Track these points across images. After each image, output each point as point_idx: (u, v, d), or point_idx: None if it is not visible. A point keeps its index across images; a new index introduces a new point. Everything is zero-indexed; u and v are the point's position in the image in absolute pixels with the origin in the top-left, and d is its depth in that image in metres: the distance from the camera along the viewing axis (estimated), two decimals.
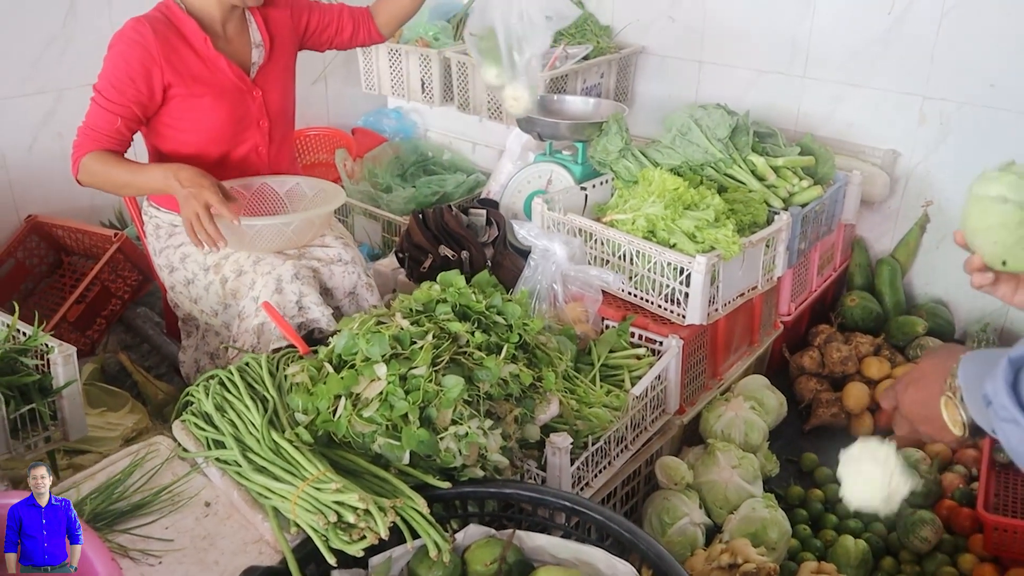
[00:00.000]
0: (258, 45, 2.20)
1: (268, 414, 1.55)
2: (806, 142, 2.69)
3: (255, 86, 2.18)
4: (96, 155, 2.01)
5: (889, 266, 2.97)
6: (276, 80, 2.24)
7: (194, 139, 2.13)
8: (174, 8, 2.06)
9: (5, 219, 2.73)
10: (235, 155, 2.20)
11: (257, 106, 2.19)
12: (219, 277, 2.06)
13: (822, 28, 2.94)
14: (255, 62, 2.20)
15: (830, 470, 2.38)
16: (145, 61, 1.99)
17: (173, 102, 2.07)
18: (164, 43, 2.01)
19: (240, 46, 2.17)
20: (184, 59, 2.05)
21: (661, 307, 2.23)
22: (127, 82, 1.99)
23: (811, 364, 2.70)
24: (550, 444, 1.69)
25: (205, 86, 2.08)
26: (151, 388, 2.45)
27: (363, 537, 1.32)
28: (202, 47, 2.07)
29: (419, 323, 1.60)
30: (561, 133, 2.67)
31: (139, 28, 2.00)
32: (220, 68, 2.10)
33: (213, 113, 2.10)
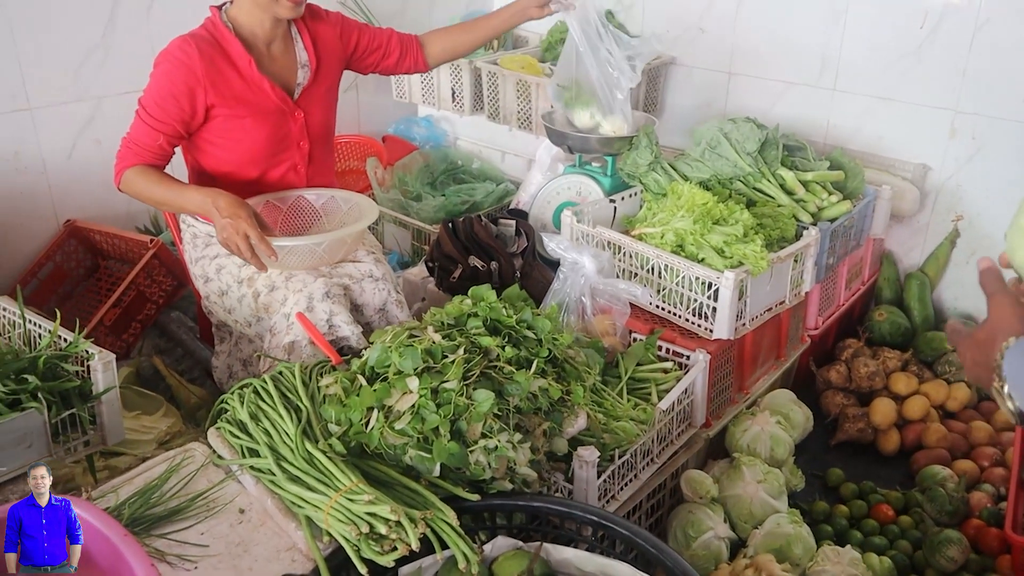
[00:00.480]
0: (304, 65, 2.22)
1: (302, 424, 1.58)
2: (836, 156, 2.68)
3: (297, 107, 2.20)
4: (138, 170, 2.06)
5: (918, 281, 2.95)
6: (319, 101, 2.26)
7: (234, 157, 2.17)
8: (220, 27, 2.09)
9: (45, 224, 2.79)
10: (273, 174, 2.23)
11: (298, 127, 2.22)
12: (252, 291, 2.10)
13: (853, 41, 2.94)
14: (300, 83, 2.21)
15: (855, 486, 2.37)
16: (189, 81, 2.02)
17: (215, 121, 2.10)
18: (209, 64, 2.04)
19: (285, 66, 2.20)
20: (228, 80, 2.08)
21: (689, 321, 2.24)
22: (171, 101, 2.03)
23: (838, 379, 2.70)
24: (577, 457, 1.71)
25: (247, 107, 2.11)
26: (184, 392, 2.50)
27: (394, 548, 1.35)
28: (246, 69, 2.10)
29: (451, 337, 1.62)
30: (591, 146, 2.69)
31: (185, 48, 2.02)
32: (263, 90, 2.13)
33: (254, 134, 2.14)
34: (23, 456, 1.63)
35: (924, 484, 2.32)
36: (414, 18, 3.64)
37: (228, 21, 2.10)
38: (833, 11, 2.94)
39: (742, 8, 3.15)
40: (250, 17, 2.10)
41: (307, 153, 2.27)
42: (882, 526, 2.23)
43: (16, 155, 2.67)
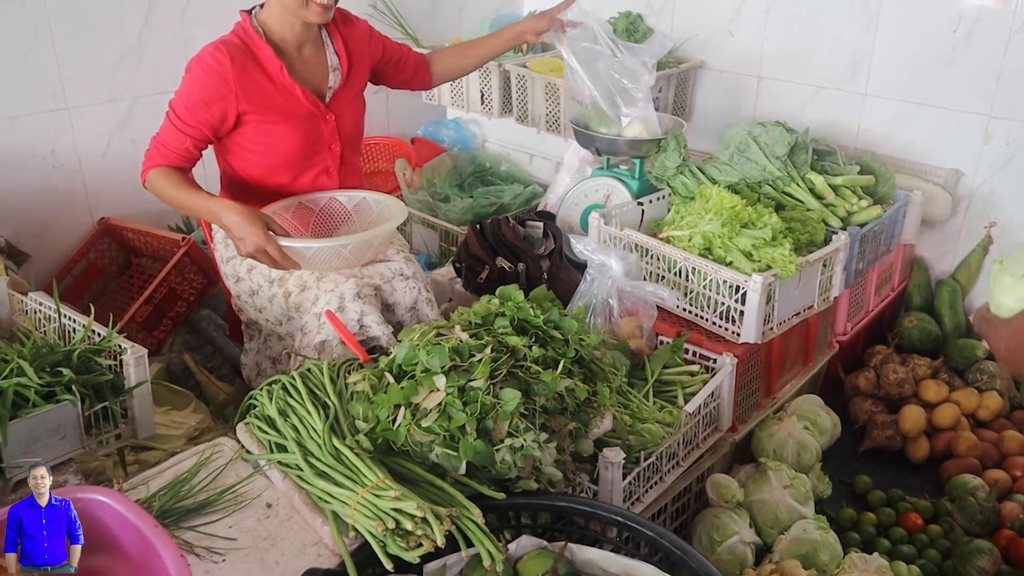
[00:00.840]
0: (335, 68, 2.23)
1: (329, 420, 1.59)
2: (866, 160, 2.66)
3: (329, 111, 2.22)
4: (162, 171, 2.08)
5: (949, 288, 2.92)
6: (349, 103, 2.28)
7: (266, 162, 2.19)
8: (251, 33, 2.10)
9: (79, 221, 2.84)
10: (306, 177, 2.25)
11: (330, 130, 2.23)
12: (283, 291, 2.12)
13: (885, 45, 2.91)
14: (331, 86, 2.22)
15: (883, 493, 2.35)
16: (220, 88, 2.04)
17: (248, 127, 2.12)
18: (240, 71, 2.05)
19: (316, 69, 2.21)
20: (260, 87, 2.09)
21: (716, 324, 2.23)
22: (200, 106, 2.05)
23: (866, 385, 2.67)
24: (603, 459, 1.71)
25: (279, 113, 2.13)
26: (213, 388, 2.53)
27: (420, 544, 1.36)
28: (277, 75, 2.11)
29: (478, 336, 1.63)
30: (619, 149, 2.69)
31: (217, 56, 2.04)
32: (294, 96, 2.14)
33: (287, 139, 2.16)
34: (57, 447, 1.66)
35: (954, 493, 2.29)
36: (444, 20, 3.67)
37: (258, 26, 2.12)
38: (865, 14, 2.92)
39: (772, 12, 3.14)
40: (280, 22, 2.11)
41: (339, 156, 2.29)
42: (910, 534, 2.20)
43: (53, 153, 2.72)
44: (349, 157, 2.34)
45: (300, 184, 2.25)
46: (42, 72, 2.62)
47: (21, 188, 2.68)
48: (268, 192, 2.23)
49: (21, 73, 2.58)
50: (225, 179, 2.31)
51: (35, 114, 2.64)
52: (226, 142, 2.18)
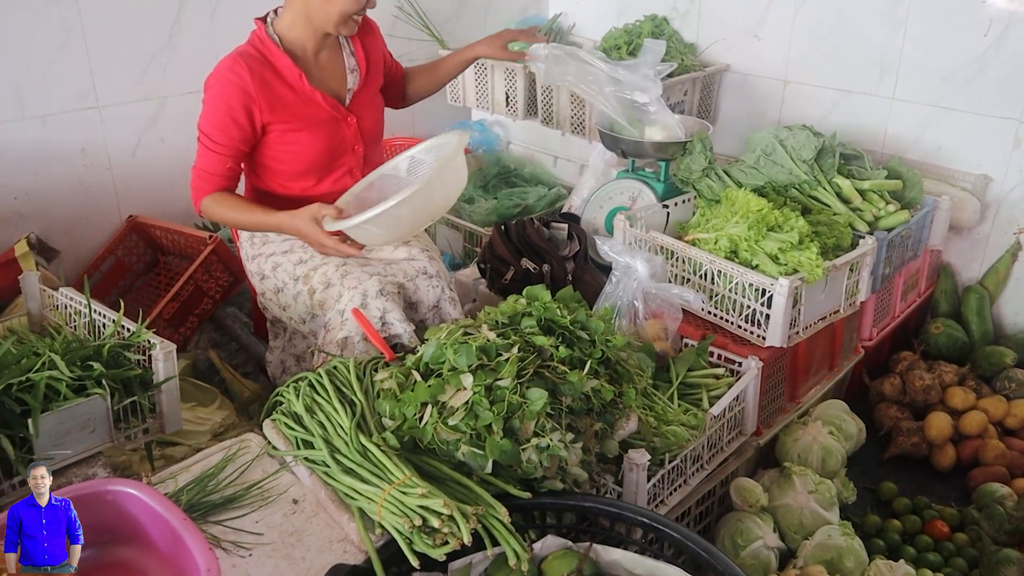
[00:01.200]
0: (353, 70, 2.25)
1: (356, 417, 1.60)
2: (894, 165, 2.64)
3: (350, 113, 2.23)
4: (213, 198, 2.13)
5: (977, 294, 2.89)
6: (369, 104, 2.29)
7: (291, 169, 2.21)
8: (268, 43, 2.10)
9: (108, 219, 2.87)
10: (328, 180, 2.26)
11: (352, 132, 2.24)
12: (307, 288, 2.14)
13: (913, 49, 2.89)
14: (350, 88, 2.24)
15: (909, 500, 2.33)
16: (244, 101, 2.05)
17: (271, 136, 2.13)
18: (261, 82, 2.06)
19: (334, 73, 2.22)
20: (281, 96, 2.10)
21: (741, 328, 2.22)
22: (230, 123, 2.06)
23: (892, 391, 2.65)
24: (628, 460, 1.71)
25: (301, 121, 2.14)
26: (238, 385, 2.55)
27: (446, 542, 1.36)
28: (297, 83, 2.12)
29: (505, 335, 1.63)
30: (645, 151, 2.69)
31: (236, 69, 2.04)
32: (315, 102, 2.15)
33: (311, 146, 2.17)
34: (87, 440, 1.68)
35: (981, 502, 2.27)
36: (469, 23, 3.68)
37: (274, 35, 2.12)
38: (893, 18, 2.90)
39: (799, 15, 3.12)
40: (301, 31, 2.12)
41: (361, 156, 2.30)
42: (936, 542, 2.18)
43: (83, 152, 2.75)
44: (371, 156, 2.36)
45: (323, 187, 2.26)
46: (74, 71, 2.66)
47: (52, 186, 2.71)
48: (292, 197, 2.24)
49: (53, 72, 2.62)
50: (249, 188, 2.33)
51: (66, 113, 2.68)
52: (254, 154, 2.19)
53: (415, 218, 2.01)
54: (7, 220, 2.65)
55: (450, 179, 2.02)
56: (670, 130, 2.67)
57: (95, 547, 1.39)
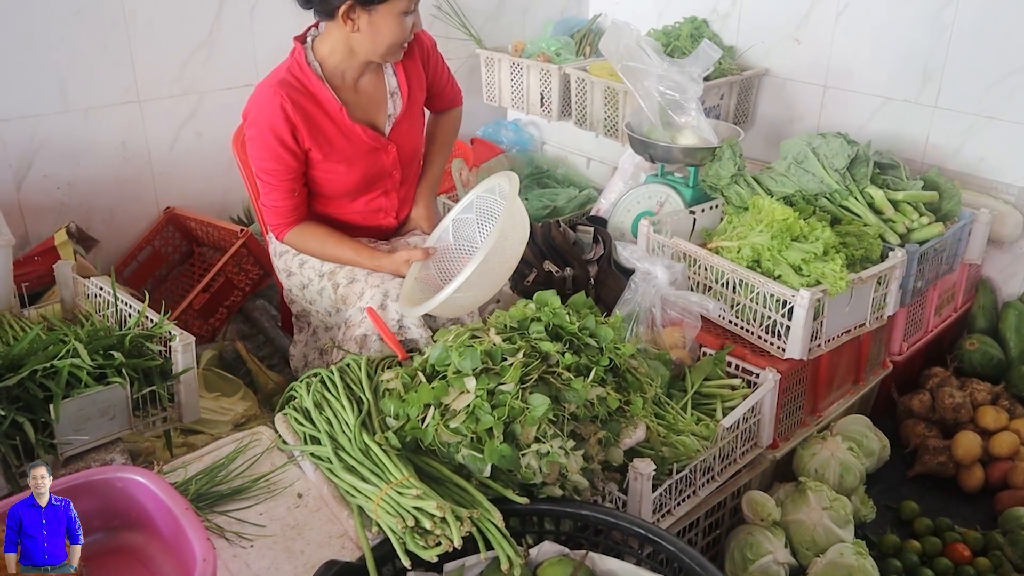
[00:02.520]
0: (394, 93, 2.20)
1: (362, 416, 1.62)
2: (931, 176, 2.58)
3: (390, 142, 2.20)
4: (297, 233, 2.17)
5: (1016, 311, 2.80)
6: (409, 130, 2.25)
7: (326, 192, 2.21)
8: (308, 73, 2.05)
9: (146, 210, 2.95)
10: (363, 200, 2.26)
11: (391, 161, 2.23)
12: (332, 283, 2.17)
13: (958, 56, 2.82)
14: (390, 114, 2.20)
15: (931, 521, 2.28)
16: (289, 128, 2.02)
17: (311, 163, 2.13)
18: (301, 113, 2.03)
19: (375, 98, 2.18)
20: (321, 127, 2.07)
21: (761, 338, 2.19)
22: (280, 157, 2.05)
23: (921, 408, 2.59)
24: (632, 469, 1.70)
25: (340, 153, 2.12)
26: (263, 377, 2.59)
27: (438, 543, 1.37)
28: (337, 116, 2.08)
29: (512, 340, 1.64)
30: (674, 156, 2.67)
31: (276, 100, 2.00)
32: (355, 135, 2.12)
33: (348, 176, 2.16)
34: (106, 427, 1.73)
35: (1007, 526, 2.20)
36: (508, 23, 3.69)
37: (314, 62, 2.08)
38: (939, 24, 2.82)
39: (841, 18, 3.06)
40: (340, 59, 2.08)
41: (399, 181, 2.30)
42: (956, 566, 2.12)
43: (123, 144, 2.83)
44: (408, 175, 2.35)
45: (357, 206, 2.26)
46: (116, 66, 2.73)
47: (93, 177, 2.80)
48: (322, 215, 2.26)
49: (97, 67, 2.69)
50: None
51: (108, 106, 2.76)
52: (310, 175, 2.17)
53: (498, 271, 1.93)
54: (50, 209, 2.74)
55: (519, 222, 1.95)
56: (700, 135, 2.65)
57: (104, 532, 1.44)
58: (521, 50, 3.46)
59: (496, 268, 1.92)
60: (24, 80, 2.57)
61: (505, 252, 1.92)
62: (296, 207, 2.16)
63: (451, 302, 1.88)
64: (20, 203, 2.68)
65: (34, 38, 2.55)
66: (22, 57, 2.55)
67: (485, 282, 1.93)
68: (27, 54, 2.55)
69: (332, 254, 2.19)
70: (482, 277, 1.87)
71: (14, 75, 2.55)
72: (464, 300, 1.95)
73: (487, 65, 3.54)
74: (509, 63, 3.44)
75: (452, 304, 1.91)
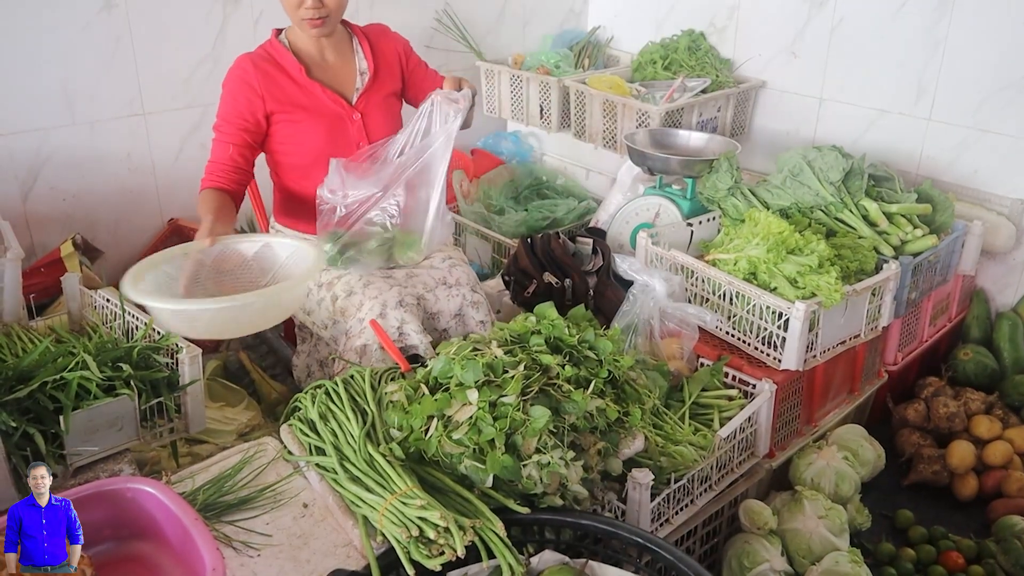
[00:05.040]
0: (363, 72, 2.37)
1: (366, 427, 1.66)
2: (925, 188, 2.62)
3: (355, 110, 2.34)
4: (204, 194, 2.18)
5: (1010, 321, 2.84)
6: (379, 105, 2.39)
7: (300, 161, 2.32)
8: (276, 45, 2.29)
9: (151, 221, 2.98)
10: None
11: (356, 128, 2.35)
12: (330, 294, 2.20)
13: (952, 70, 2.86)
14: (357, 88, 2.36)
15: (925, 529, 2.31)
16: (247, 93, 2.21)
17: (276, 127, 2.27)
18: (263, 75, 2.23)
19: (341, 72, 2.36)
20: (282, 87, 2.25)
21: (757, 349, 2.23)
22: (234, 113, 2.22)
23: (915, 417, 2.62)
24: (631, 479, 1.73)
25: (303, 111, 2.27)
26: (266, 387, 2.63)
27: (442, 553, 1.41)
28: (298, 75, 2.27)
29: (513, 353, 1.67)
30: (672, 168, 2.70)
31: (242, 65, 2.24)
32: (315, 94, 2.29)
33: (312, 135, 2.29)
34: (114, 438, 1.76)
35: (1000, 534, 2.24)
36: (508, 36, 3.73)
37: (284, 40, 2.31)
38: (932, 38, 2.87)
39: (836, 32, 3.11)
40: (300, 36, 2.29)
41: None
42: (951, 574, 2.16)
43: (128, 156, 2.86)
44: None
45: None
46: (122, 79, 2.77)
47: (98, 188, 2.83)
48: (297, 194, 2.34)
49: (103, 80, 2.73)
50: (277, 189, 2.43)
51: (114, 119, 2.79)
52: (267, 147, 2.32)
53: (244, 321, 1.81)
54: (56, 221, 2.77)
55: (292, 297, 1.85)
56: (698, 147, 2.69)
57: (114, 541, 1.47)
58: (521, 63, 3.51)
59: (243, 317, 1.78)
60: (31, 93, 2.61)
61: (265, 313, 1.81)
62: (223, 166, 2.20)
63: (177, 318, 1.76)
64: (26, 215, 2.71)
65: (41, 52, 2.59)
66: (30, 71, 2.58)
67: (220, 322, 1.78)
68: (34, 68, 2.59)
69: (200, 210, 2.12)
70: (219, 316, 1.74)
71: (22, 88, 2.59)
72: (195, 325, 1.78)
73: (487, 77, 3.58)
74: (509, 75, 3.48)
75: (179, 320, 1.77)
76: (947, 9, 2.81)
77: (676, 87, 3.13)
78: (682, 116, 3.12)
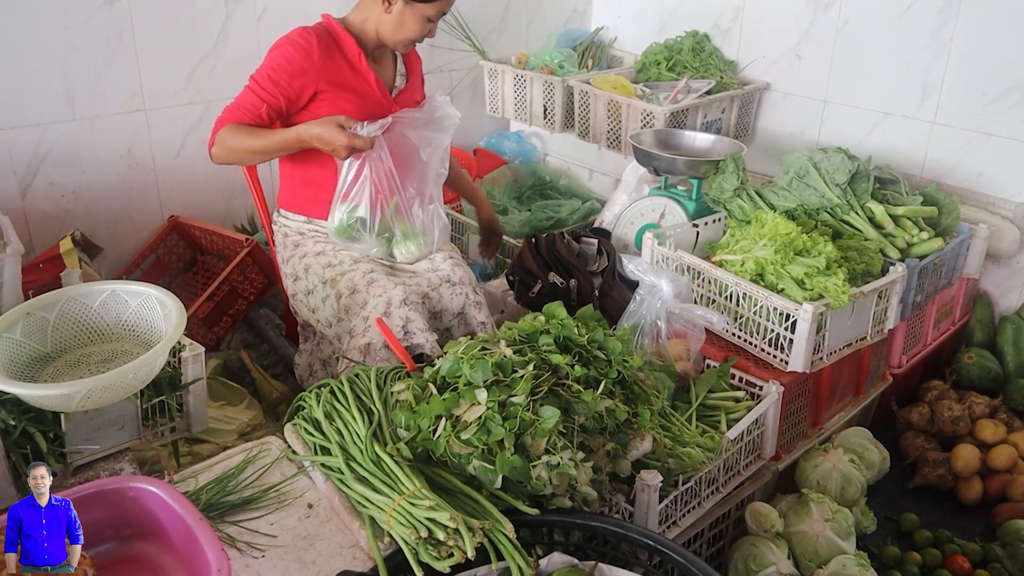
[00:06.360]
0: (402, 74, 2.43)
1: (372, 427, 1.64)
2: (930, 191, 2.61)
3: (395, 103, 2.36)
4: (232, 127, 2.17)
5: (1014, 325, 2.83)
6: (412, 106, 2.39)
7: None
8: (335, 24, 2.27)
9: (151, 218, 2.96)
10: None
11: None
12: (334, 292, 2.18)
13: (956, 73, 2.85)
14: (397, 86, 2.42)
15: (931, 533, 2.30)
16: (304, 64, 2.18)
17: (318, 104, 2.23)
18: (325, 52, 2.21)
19: (387, 69, 2.40)
20: (339, 69, 2.24)
21: (764, 351, 2.21)
22: (284, 76, 2.17)
23: (920, 420, 2.61)
24: (640, 480, 1.71)
25: (353, 94, 2.26)
26: (267, 386, 2.60)
27: (451, 554, 1.39)
28: (356, 60, 2.27)
29: (522, 352, 1.65)
30: (677, 169, 2.69)
31: (306, 36, 2.20)
32: (369, 81, 2.29)
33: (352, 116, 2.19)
34: (116, 436, 1.74)
35: (1005, 538, 2.23)
36: (511, 35, 3.71)
37: (342, 21, 2.29)
38: (937, 40, 2.86)
39: (841, 35, 3.10)
40: (366, 31, 2.28)
41: None
42: None
43: (129, 152, 2.84)
44: None
45: None
46: (123, 75, 2.74)
47: (98, 184, 2.81)
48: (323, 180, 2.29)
49: (104, 76, 2.71)
50: (286, 181, 2.40)
51: (114, 115, 2.77)
52: (295, 122, 2.20)
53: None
54: (55, 217, 2.75)
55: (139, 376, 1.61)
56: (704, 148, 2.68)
57: (116, 541, 1.45)
58: (524, 62, 3.49)
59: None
60: (31, 88, 2.59)
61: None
62: (249, 114, 2.17)
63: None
64: (25, 211, 2.69)
65: (42, 47, 2.56)
66: (29, 66, 2.56)
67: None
68: (34, 63, 2.57)
69: (260, 142, 2.15)
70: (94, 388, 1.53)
71: (21, 84, 2.56)
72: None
73: (491, 77, 3.56)
74: (512, 75, 3.46)
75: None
76: (952, 12, 2.80)
77: (681, 88, 3.12)
78: (686, 117, 3.11)
